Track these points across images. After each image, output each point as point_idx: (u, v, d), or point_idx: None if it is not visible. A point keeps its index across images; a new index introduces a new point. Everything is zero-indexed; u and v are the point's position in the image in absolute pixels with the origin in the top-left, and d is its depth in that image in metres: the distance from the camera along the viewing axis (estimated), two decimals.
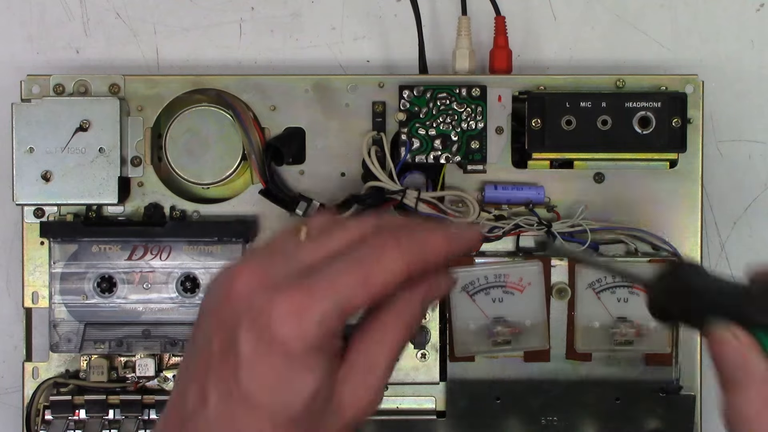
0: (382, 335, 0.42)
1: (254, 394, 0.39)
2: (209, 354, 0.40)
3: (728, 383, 0.40)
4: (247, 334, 0.39)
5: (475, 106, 0.59)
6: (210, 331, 0.41)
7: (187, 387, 0.41)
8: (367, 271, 0.39)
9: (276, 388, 0.39)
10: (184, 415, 0.41)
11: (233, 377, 0.39)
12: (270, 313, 0.39)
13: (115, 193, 0.60)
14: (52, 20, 0.66)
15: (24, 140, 0.59)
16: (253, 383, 0.39)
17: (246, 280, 0.40)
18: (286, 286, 0.39)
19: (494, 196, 0.61)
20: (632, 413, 0.61)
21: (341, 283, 0.39)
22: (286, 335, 0.38)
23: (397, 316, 0.42)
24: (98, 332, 0.60)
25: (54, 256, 0.60)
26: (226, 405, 0.40)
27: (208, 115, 0.60)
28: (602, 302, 0.60)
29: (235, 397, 0.40)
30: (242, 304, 0.40)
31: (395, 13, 0.66)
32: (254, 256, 0.41)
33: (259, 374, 0.39)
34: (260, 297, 0.39)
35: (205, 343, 0.41)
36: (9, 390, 0.66)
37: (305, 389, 0.39)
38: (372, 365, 0.41)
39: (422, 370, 0.60)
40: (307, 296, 0.39)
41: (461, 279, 0.60)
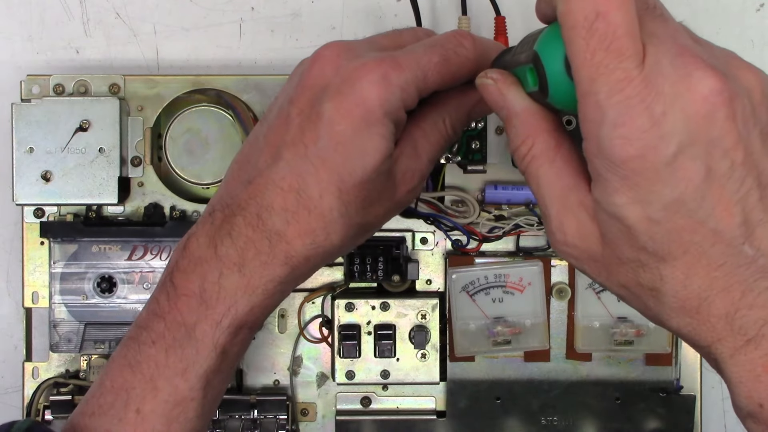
0: (430, 130, 0.46)
1: (329, 153, 0.42)
2: (288, 117, 0.43)
3: (504, 124, 0.42)
4: (333, 95, 0.42)
5: None
6: (293, 96, 0.43)
7: (258, 150, 0.44)
8: (446, 52, 0.44)
9: (350, 150, 0.42)
10: (251, 173, 0.43)
11: (312, 136, 0.42)
12: (358, 75, 0.42)
13: (115, 193, 0.60)
14: (52, 20, 0.66)
15: (24, 140, 0.59)
16: (330, 142, 0.42)
17: (334, 52, 0.43)
18: (373, 55, 0.43)
19: (494, 196, 0.61)
20: (632, 413, 0.61)
21: (424, 59, 0.43)
22: (371, 97, 0.41)
23: (446, 117, 0.46)
24: (98, 332, 0.60)
25: (54, 256, 0.60)
26: (299, 162, 0.42)
27: (208, 115, 0.60)
28: (602, 302, 0.60)
29: (310, 155, 0.42)
30: (329, 68, 0.43)
31: (395, 13, 0.66)
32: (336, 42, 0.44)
33: (338, 133, 0.42)
34: (349, 63, 0.42)
35: (285, 109, 0.43)
36: (9, 390, 0.66)
37: (376, 154, 0.42)
38: (419, 152, 0.45)
39: (422, 370, 0.60)
40: (392, 64, 0.42)
41: (461, 279, 0.60)
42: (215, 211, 0.44)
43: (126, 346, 0.44)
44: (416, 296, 0.61)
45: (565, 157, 0.40)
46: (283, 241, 0.42)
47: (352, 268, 0.60)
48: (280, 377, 0.62)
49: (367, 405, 0.62)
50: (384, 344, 0.60)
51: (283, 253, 0.43)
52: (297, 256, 0.43)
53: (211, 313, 0.42)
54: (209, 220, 0.44)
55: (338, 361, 0.60)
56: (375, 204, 0.44)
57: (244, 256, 0.42)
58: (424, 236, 0.62)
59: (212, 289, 0.42)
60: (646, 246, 0.36)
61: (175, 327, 0.43)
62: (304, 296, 0.62)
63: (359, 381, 0.60)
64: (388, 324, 0.60)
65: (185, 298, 0.43)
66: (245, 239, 0.42)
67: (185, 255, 0.43)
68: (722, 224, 0.35)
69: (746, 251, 0.35)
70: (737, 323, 0.36)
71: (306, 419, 0.62)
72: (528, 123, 0.40)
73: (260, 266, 0.43)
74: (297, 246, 0.43)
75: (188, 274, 0.43)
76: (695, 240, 0.35)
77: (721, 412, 0.66)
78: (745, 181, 0.35)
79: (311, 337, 0.62)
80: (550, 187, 0.39)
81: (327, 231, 0.43)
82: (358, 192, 0.43)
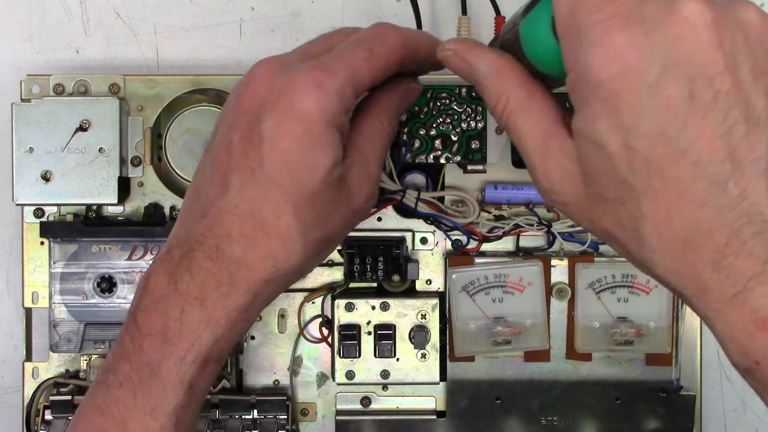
0: (371, 133, 0.46)
1: (276, 172, 0.42)
2: (230, 144, 0.43)
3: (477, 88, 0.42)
4: (271, 113, 0.42)
5: (475, 106, 0.59)
6: (232, 121, 0.43)
7: (207, 182, 0.44)
8: (371, 45, 0.44)
9: (298, 166, 0.42)
10: (204, 206, 0.43)
11: (256, 158, 0.42)
12: (292, 88, 0.42)
13: (115, 193, 0.60)
14: (52, 20, 0.66)
15: (24, 140, 0.59)
16: (276, 160, 0.42)
17: (266, 69, 0.43)
18: (303, 66, 0.43)
19: (494, 196, 0.61)
20: (632, 413, 0.61)
21: (351, 57, 0.43)
22: (308, 107, 0.41)
23: (382, 117, 0.47)
24: (98, 332, 0.60)
25: (54, 256, 0.60)
26: (248, 186, 0.42)
27: (208, 115, 0.60)
28: (602, 302, 0.60)
29: (258, 177, 0.42)
30: (263, 88, 0.43)
31: (395, 13, 0.66)
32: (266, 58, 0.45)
33: (283, 151, 0.42)
34: (281, 78, 0.42)
35: (226, 136, 0.43)
36: (9, 390, 0.66)
37: (323, 164, 0.42)
38: (367, 158, 0.46)
39: (422, 370, 0.60)
40: (323, 71, 0.42)
41: (461, 279, 0.60)
42: (173, 248, 0.43)
43: (95, 390, 0.44)
44: (416, 296, 0.61)
45: (540, 105, 0.40)
46: (243, 269, 0.42)
47: (352, 268, 0.60)
48: (280, 377, 0.62)
49: (367, 405, 0.62)
50: (384, 344, 0.60)
51: (243, 281, 0.42)
52: (258, 281, 0.43)
53: (175, 350, 0.42)
54: (167, 258, 0.43)
55: (338, 361, 0.60)
56: (332, 215, 0.44)
57: (204, 290, 0.42)
58: (424, 236, 0.62)
59: (174, 326, 0.42)
60: (627, 178, 0.35)
61: (140, 367, 0.42)
62: (304, 296, 0.62)
63: (359, 381, 0.60)
64: (388, 324, 0.60)
65: (149, 338, 0.42)
66: (205, 272, 0.42)
67: (146, 294, 0.43)
68: (704, 157, 0.34)
69: (730, 191, 0.34)
70: (723, 273, 0.34)
71: (306, 419, 0.62)
72: (497, 81, 0.41)
73: (221, 298, 0.42)
74: (258, 271, 0.42)
75: (150, 314, 0.43)
76: (675, 173, 0.34)
77: (721, 412, 0.66)
78: (730, 114, 0.34)
79: (311, 337, 0.62)
80: (530, 137, 0.40)
81: (287, 251, 0.42)
82: (312, 206, 0.43)
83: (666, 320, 0.60)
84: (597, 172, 0.36)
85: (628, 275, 0.60)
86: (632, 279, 0.60)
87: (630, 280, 0.60)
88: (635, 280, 0.60)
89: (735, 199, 0.34)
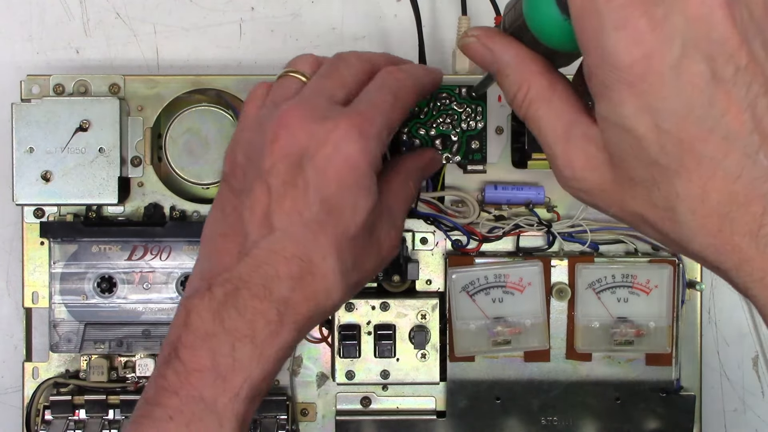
0: (398, 190, 0.49)
1: (324, 217, 0.43)
2: (269, 189, 0.44)
3: (497, 78, 0.43)
4: (316, 160, 0.43)
5: (475, 106, 0.59)
6: (268, 167, 0.44)
7: (243, 222, 0.45)
8: (394, 91, 0.46)
9: (343, 210, 0.44)
10: (246, 246, 0.44)
11: (303, 202, 0.43)
12: (336, 136, 0.43)
13: (115, 193, 0.60)
14: (52, 20, 0.66)
15: (24, 140, 0.59)
16: (324, 207, 0.43)
17: (298, 115, 0.44)
18: (337, 113, 0.44)
19: (494, 196, 0.61)
20: (632, 413, 0.61)
21: (381, 103, 0.45)
22: (354, 152, 0.43)
23: (410, 179, 0.50)
24: (98, 332, 0.60)
25: (54, 256, 0.60)
26: (296, 229, 0.43)
27: (208, 115, 0.60)
28: (602, 302, 0.60)
29: (306, 220, 0.43)
30: (301, 135, 0.44)
31: (395, 13, 0.66)
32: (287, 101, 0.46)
33: (330, 197, 0.43)
34: (319, 126, 0.43)
35: (263, 180, 0.44)
36: (9, 390, 0.66)
37: (365, 207, 0.44)
38: (393, 210, 0.48)
39: (422, 370, 0.60)
40: (363, 118, 0.44)
41: (461, 279, 0.60)
42: (213, 286, 0.44)
43: (140, 424, 0.43)
44: (416, 296, 0.61)
45: (561, 95, 0.40)
46: (291, 308, 0.43)
47: None
48: (280, 377, 0.62)
49: (367, 405, 0.62)
50: (384, 344, 0.60)
51: (291, 319, 0.43)
52: (303, 319, 0.44)
53: (229, 386, 0.43)
54: (208, 296, 0.44)
55: (338, 361, 0.60)
56: (365, 260, 0.46)
57: (254, 328, 0.43)
58: (424, 236, 0.62)
59: (226, 362, 0.43)
60: (659, 159, 0.35)
61: (191, 402, 0.42)
62: None
63: (359, 381, 0.60)
64: (388, 324, 0.60)
65: (197, 373, 0.43)
66: (253, 311, 0.43)
67: (189, 330, 0.43)
68: (733, 132, 0.34)
69: (762, 161, 0.34)
70: (763, 241, 0.35)
71: (306, 419, 0.62)
72: (519, 69, 0.41)
73: (270, 335, 0.43)
74: (303, 310, 0.44)
75: (196, 350, 0.43)
76: (707, 150, 0.35)
77: (721, 412, 0.66)
78: (752, 87, 0.34)
79: (311, 337, 0.62)
80: (552, 127, 0.40)
81: (328, 291, 0.44)
82: (352, 249, 0.44)
83: (666, 320, 0.60)
84: (626, 155, 0.37)
85: (628, 275, 0.60)
86: (632, 279, 0.60)
87: (630, 280, 0.60)
88: (635, 280, 0.60)
89: (767, 168, 0.35)
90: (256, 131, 0.46)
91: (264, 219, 0.44)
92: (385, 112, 0.45)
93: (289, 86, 0.48)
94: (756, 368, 0.66)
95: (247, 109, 0.49)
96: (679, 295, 0.60)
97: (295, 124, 0.44)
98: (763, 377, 0.66)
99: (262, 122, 0.46)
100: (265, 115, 0.46)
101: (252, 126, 0.47)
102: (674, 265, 0.60)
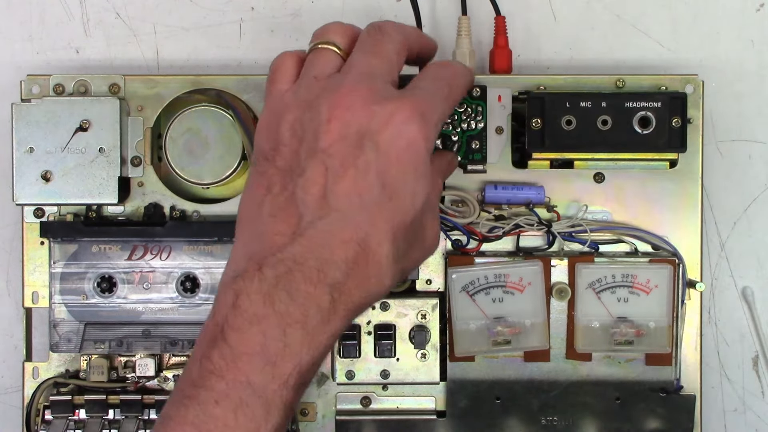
0: (434, 184, 0.48)
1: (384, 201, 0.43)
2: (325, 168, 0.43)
3: None
4: (378, 140, 0.43)
5: (475, 106, 0.59)
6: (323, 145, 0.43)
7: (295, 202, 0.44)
8: (450, 83, 0.48)
9: (403, 194, 0.43)
10: (300, 227, 0.43)
11: (364, 185, 0.43)
12: (399, 118, 0.43)
13: (115, 193, 0.60)
14: (52, 20, 0.66)
15: (24, 140, 0.59)
16: (385, 190, 0.43)
17: (357, 97, 0.44)
18: (398, 95, 0.44)
19: (494, 196, 0.61)
20: (632, 413, 0.61)
21: (437, 92, 0.46)
22: (416, 136, 0.43)
23: (436, 174, 0.50)
24: (98, 332, 0.60)
25: (54, 256, 0.60)
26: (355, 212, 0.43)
27: (208, 115, 0.60)
28: (602, 302, 0.60)
29: (366, 204, 0.43)
30: (361, 115, 0.43)
31: (395, 14, 0.66)
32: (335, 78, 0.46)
33: (392, 179, 0.43)
34: (381, 107, 0.43)
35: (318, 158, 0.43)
36: (9, 390, 0.66)
37: (423, 193, 0.44)
38: (434, 204, 0.49)
39: (422, 370, 0.60)
40: (425, 102, 0.44)
41: (461, 279, 0.60)
42: (264, 266, 0.42)
43: (183, 405, 0.42)
44: (416, 296, 0.61)
45: None
46: (344, 294, 0.42)
47: None
48: None
49: (367, 405, 0.62)
50: (384, 344, 0.60)
51: (342, 306, 0.42)
52: (354, 307, 0.43)
53: (279, 372, 0.41)
54: (257, 276, 0.42)
55: (338, 361, 0.60)
56: (413, 250, 0.46)
57: (306, 313, 0.42)
58: None
59: (276, 347, 0.41)
60: None
61: (239, 387, 0.41)
62: None
63: (359, 381, 0.60)
64: (388, 324, 0.60)
65: (246, 356, 0.41)
66: (305, 295, 0.42)
67: (237, 313, 0.42)
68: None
69: None
70: None
71: (306, 419, 0.62)
72: None
73: (322, 322, 0.42)
74: (355, 297, 0.43)
75: (244, 333, 0.42)
76: None
77: (721, 412, 0.66)
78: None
79: None
80: None
81: (380, 278, 0.43)
82: (405, 236, 0.44)
83: (666, 320, 0.60)
84: None
85: (628, 275, 0.60)
86: (632, 279, 0.60)
87: (630, 280, 0.60)
88: (635, 280, 0.60)
89: None
90: (304, 109, 0.44)
91: (321, 199, 0.43)
92: (442, 102, 0.46)
93: (327, 60, 0.47)
94: (756, 368, 0.66)
95: (278, 84, 0.47)
96: (679, 295, 0.60)
97: (355, 104, 0.43)
98: (763, 377, 0.66)
99: (310, 99, 0.44)
100: (311, 92, 0.45)
101: (296, 103, 0.45)
102: (674, 265, 0.60)
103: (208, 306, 0.60)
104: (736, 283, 0.66)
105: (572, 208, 0.61)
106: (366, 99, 0.43)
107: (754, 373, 0.66)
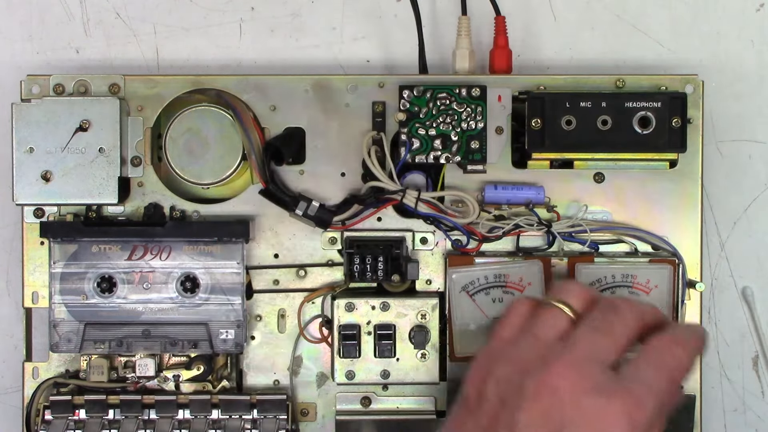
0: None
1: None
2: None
3: None
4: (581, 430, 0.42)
5: (475, 106, 0.59)
6: (521, 422, 0.43)
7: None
8: (671, 370, 0.45)
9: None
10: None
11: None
12: (604, 416, 0.42)
13: (115, 193, 0.60)
14: (52, 20, 0.66)
15: (24, 140, 0.59)
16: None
17: (569, 382, 0.43)
18: (610, 389, 0.43)
19: (494, 196, 0.61)
20: None
21: (655, 385, 0.44)
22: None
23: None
24: (98, 332, 0.60)
25: (54, 256, 0.60)
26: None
27: (208, 115, 0.60)
28: None
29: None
30: (567, 400, 0.42)
31: (395, 13, 0.66)
32: (554, 350, 0.45)
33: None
34: (590, 399, 0.42)
35: (514, 423, 0.43)
36: (9, 390, 0.66)
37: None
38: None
39: (422, 370, 0.60)
40: (637, 405, 0.43)
41: (461, 279, 0.60)
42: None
43: None
44: (416, 296, 0.61)
45: None
46: None
47: (352, 268, 0.60)
48: (280, 377, 0.62)
49: (367, 405, 0.62)
50: (384, 344, 0.60)
51: None
52: None
53: None
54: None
55: (338, 361, 0.60)
56: None
57: None
58: (424, 236, 0.62)
59: None
60: None
61: None
62: (304, 296, 0.62)
63: (359, 381, 0.60)
64: (388, 324, 0.60)
65: None
66: None
67: None
68: None
69: None
70: None
71: (306, 419, 0.62)
72: None
73: None
74: None
75: None
76: None
77: (721, 412, 0.66)
78: None
79: (311, 337, 0.62)
80: None
81: None
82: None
83: None
84: None
85: (628, 275, 0.60)
86: (632, 279, 0.60)
87: (630, 280, 0.60)
88: (635, 280, 0.60)
89: None
90: (516, 370, 0.45)
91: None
92: (659, 398, 0.44)
93: (555, 322, 0.47)
94: (756, 368, 0.66)
95: (505, 330, 0.48)
96: (679, 295, 0.60)
97: (564, 390, 0.43)
98: (763, 377, 0.66)
99: (524, 360, 0.45)
100: (528, 351, 0.45)
101: (510, 358, 0.45)
102: (674, 265, 0.60)
103: (207, 306, 0.60)
104: (736, 283, 0.66)
105: (572, 208, 0.61)
106: (576, 387, 0.43)
107: (754, 373, 0.66)
